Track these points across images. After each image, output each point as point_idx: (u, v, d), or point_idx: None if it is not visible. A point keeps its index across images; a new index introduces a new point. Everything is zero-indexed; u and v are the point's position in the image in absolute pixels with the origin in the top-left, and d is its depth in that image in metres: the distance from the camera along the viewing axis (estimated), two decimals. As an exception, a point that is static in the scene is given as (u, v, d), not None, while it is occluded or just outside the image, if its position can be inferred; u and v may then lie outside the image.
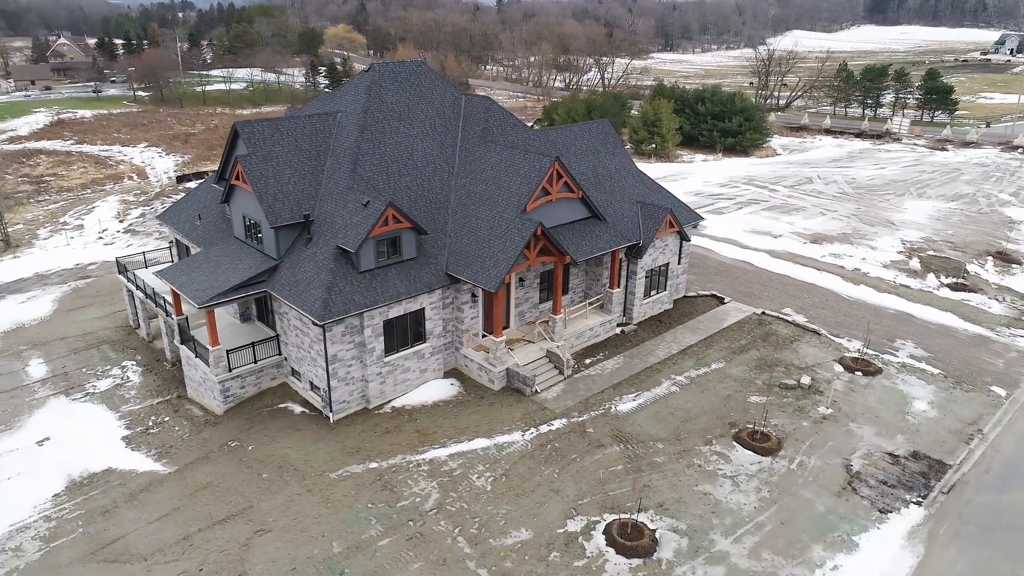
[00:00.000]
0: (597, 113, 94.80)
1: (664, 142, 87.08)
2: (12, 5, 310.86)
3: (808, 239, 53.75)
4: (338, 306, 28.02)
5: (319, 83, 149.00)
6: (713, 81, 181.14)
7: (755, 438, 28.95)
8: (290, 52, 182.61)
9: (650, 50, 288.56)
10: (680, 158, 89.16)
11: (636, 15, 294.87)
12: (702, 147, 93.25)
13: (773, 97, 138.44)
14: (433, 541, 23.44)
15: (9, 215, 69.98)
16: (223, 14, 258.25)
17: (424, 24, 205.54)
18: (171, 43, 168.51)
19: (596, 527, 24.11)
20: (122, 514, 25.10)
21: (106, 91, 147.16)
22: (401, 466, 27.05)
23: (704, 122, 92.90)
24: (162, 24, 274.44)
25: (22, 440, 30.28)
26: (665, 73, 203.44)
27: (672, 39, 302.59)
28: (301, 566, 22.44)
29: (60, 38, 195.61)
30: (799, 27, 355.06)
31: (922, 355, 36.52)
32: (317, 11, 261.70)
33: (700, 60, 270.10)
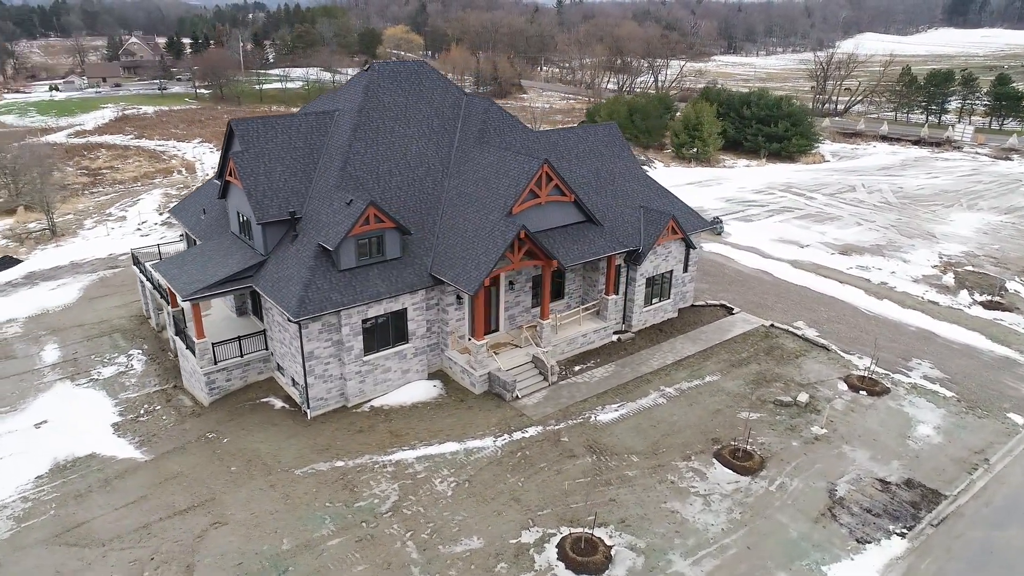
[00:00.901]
0: (639, 115, 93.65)
1: (705, 146, 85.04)
2: (96, 6, 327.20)
3: (837, 250, 51.48)
4: (314, 303, 28.14)
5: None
6: (774, 85, 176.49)
7: (736, 456, 27.76)
8: (349, 52, 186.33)
9: (712, 52, 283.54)
10: (722, 163, 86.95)
11: (699, 17, 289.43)
12: (746, 152, 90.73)
13: (831, 102, 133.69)
14: (382, 544, 23.24)
15: (63, 206, 73.43)
16: (289, 15, 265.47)
17: (480, 25, 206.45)
18: (234, 42, 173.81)
19: (551, 540, 23.48)
20: (93, 499, 25.74)
21: (171, 88, 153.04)
22: (367, 466, 26.97)
23: (749, 126, 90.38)
24: (233, 24, 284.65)
25: (22, 422, 31.42)
26: (724, 76, 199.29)
27: (736, 41, 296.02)
28: (248, 561, 22.56)
29: (132, 37, 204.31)
30: (872, 30, 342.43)
31: (937, 376, 34.44)
32: (379, 12, 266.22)
33: (763, 63, 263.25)
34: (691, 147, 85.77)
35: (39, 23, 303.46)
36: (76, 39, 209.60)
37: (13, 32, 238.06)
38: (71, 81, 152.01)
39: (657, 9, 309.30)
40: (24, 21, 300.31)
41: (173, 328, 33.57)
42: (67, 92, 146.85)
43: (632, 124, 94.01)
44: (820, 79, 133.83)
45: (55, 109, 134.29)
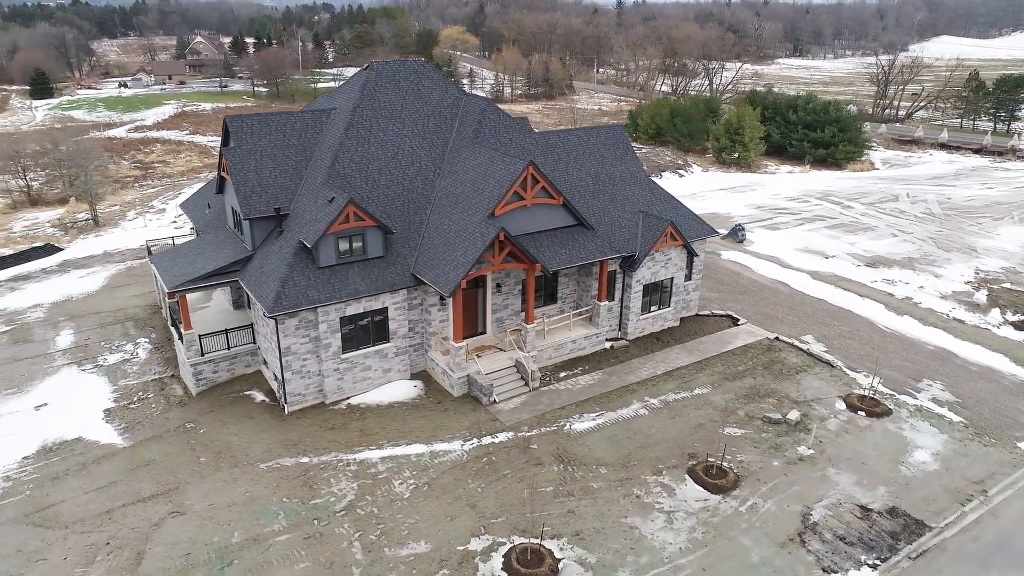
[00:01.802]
0: (681, 118, 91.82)
1: (746, 151, 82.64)
2: (172, 6, 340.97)
3: (864, 262, 49.18)
4: (290, 300, 28.39)
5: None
6: (837, 89, 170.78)
7: (710, 473, 26.70)
8: (405, 53, 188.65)
9: (776, 55, 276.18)
10: (764, 168, 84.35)
11: (763, 19, 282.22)
12: (791, 158, 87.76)
13: (892, 107, 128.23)
14: (329, 543, 23.21)
15: (112, 197, 76.64)
16: (351, 16, 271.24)
17: (536, 26, 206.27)
18: (293, 42, 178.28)
19: (499, 549, 23.01)
20: (67, 482, 26.55)
21: (231, 86, 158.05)
22: (330, 464, 27.03)
23: (795, 131, 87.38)
24: (299, 25, 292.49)
25: (24, 404, 32.68)
26: (786, 79, 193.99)
27: (801, 44, 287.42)
28: (196, 551, 22.86)
29: (198, 37, 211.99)
30: (950, 32, 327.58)
31: (947, 399, 32.45)
32: (438, 13, 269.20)
33: (830, 66, 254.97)
34: (732, 152, 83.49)
35: (120, 23, 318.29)
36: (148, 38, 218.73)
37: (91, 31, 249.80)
38: (139, 78, 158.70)
39: (721, 11, 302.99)
40: (106, 21, 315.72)
41: (169, 319, 34.42)
42: (134, 89, 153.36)
43: (674, 127, 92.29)
44: (881, 84, 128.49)
45: (121, 105, 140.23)
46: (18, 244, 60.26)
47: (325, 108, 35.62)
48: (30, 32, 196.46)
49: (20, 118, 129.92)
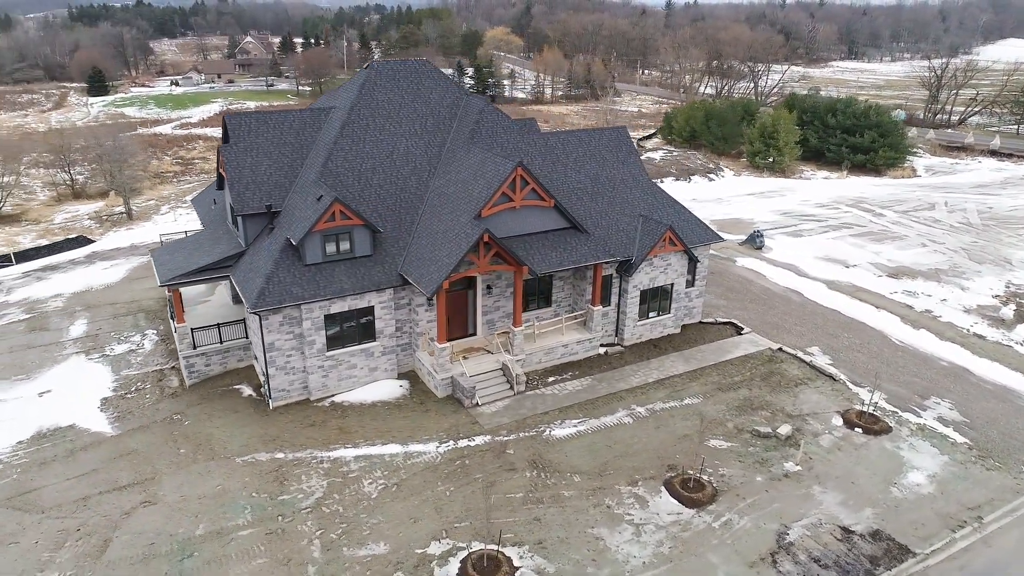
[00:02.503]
0: (715, 121, 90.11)
1: (781, 155, 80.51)
2: (229, 7, 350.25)
3: (887, 272, 47.28)
4: (273, 296, 28.62)
5: (464, 82, 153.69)
6: (890, 93, 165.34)
7: (687, 486, 25.92)
8: (451, 53, 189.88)
9: (830, 58, 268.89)
10: (799, 174, 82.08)
11: (817, 20, 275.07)
12: (828, 163, 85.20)
13: (944, 112, 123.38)
14: (290, 540, 23.27)
15: (150, 192, 79.00)
16: (400, 16, 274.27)
17: (581, 27, 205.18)
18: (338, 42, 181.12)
19: (458, 554, 22.74)
20: (53, 468, 27.25)
21: (277, 85, 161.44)
22: (304, 460, 27.14)
23: (833, 136, 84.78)
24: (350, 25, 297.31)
25: (29, 390, 33.70)
26: (837, 83, 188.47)
27: (857, 46, 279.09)
28: (160, 542, 23.17)
29: (247, 37, 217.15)
30: (1018, 35, 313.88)
31: (954, 419, 30.90)
32: (485, 14, 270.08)
33: (886, 69, 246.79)
34: (766, 156, 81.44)
35: (179, 23, 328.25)
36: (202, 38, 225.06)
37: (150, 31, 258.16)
38: (189, 77, 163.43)
39: (774, 12, 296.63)
40: (166, 21, 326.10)
41: (170, 312, 35.12)
42: (185, 87, 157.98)
43: (708, 130, 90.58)
44: (933, 88, 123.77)
45: (171, 102, 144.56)
46: (56, 235, 62.57)
47: (326, 107, 35.87)
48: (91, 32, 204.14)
49: (75, 114, 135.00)
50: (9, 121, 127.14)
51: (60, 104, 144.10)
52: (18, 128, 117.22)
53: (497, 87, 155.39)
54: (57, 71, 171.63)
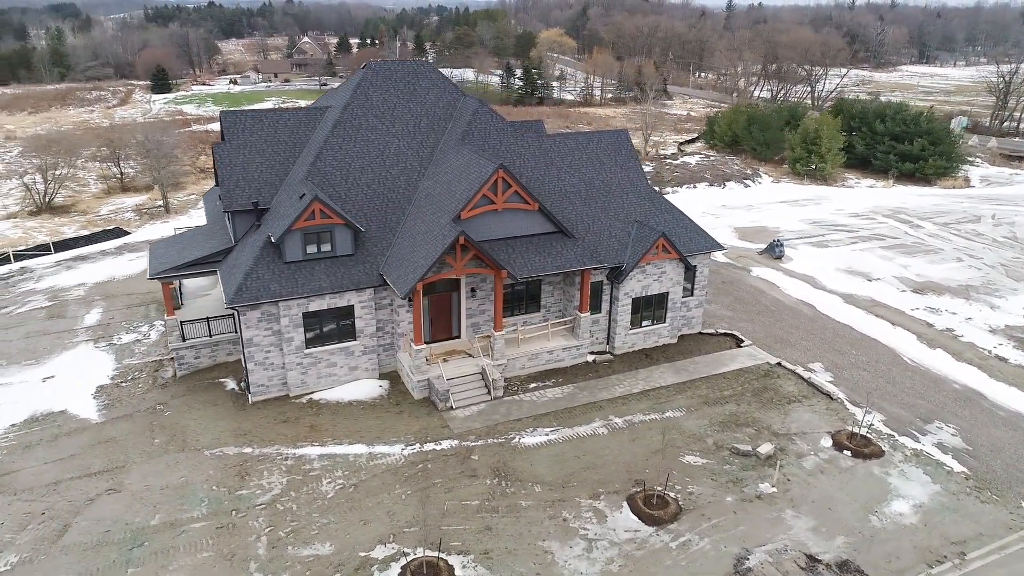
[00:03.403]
0: (757, 126, 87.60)
1: (823, 162, 77.62)
2: (295, 8, 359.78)
3: (912, 287, 44.90)
4: (251, 292, 28.95)
5: (513, 84, 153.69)
6: (960, 99, 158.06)
7: (651, 503, 25.03)
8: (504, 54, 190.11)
9: (899, 62, 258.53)
10: (843, 181, 79.00)
11: (887, 23, 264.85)
12: (875, 171, 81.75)
13: (1012, 119, 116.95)
14: (238, 535, 23.41)
15: (194, 187, 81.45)
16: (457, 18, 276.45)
17: (636, 29, 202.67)
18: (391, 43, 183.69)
19: (401, 559, 22.48)
20: (35, 452, 28.17)
21: (330, 84, 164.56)
22: (269, 456, 27.33)
23: (881, 143, 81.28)
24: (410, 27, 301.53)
25: (35, 375, 34.98)
26: (903, 87, 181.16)
27: (928, 50, 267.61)
28: (115, 530, 23.63)
29: (305, 37, 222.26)
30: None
31: (955, 445, 29.03)
32: (541, 16, 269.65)
33: (958, 74, 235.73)
34: (807, 163, 78.66)
35: (247, 24, 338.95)
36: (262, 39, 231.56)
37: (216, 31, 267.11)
38: (247, 76, 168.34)
39: (841, 14, 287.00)
40: (235, 22, 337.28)
41: (169, 304, 35.94)
42: (243, 86, 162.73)
43: (750, 135, 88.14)
44: (1000, 94, 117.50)
45: (228, 100, 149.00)
46: (97, 227, 65.05)
47: (323, 106, 36.16)
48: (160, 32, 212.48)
49: (137, 110, 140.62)
50: (76, 116, 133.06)
51: (125, 101, 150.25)
52: (83, 123, 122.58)
53: (546, 88, 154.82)
54: (126, 69, 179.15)
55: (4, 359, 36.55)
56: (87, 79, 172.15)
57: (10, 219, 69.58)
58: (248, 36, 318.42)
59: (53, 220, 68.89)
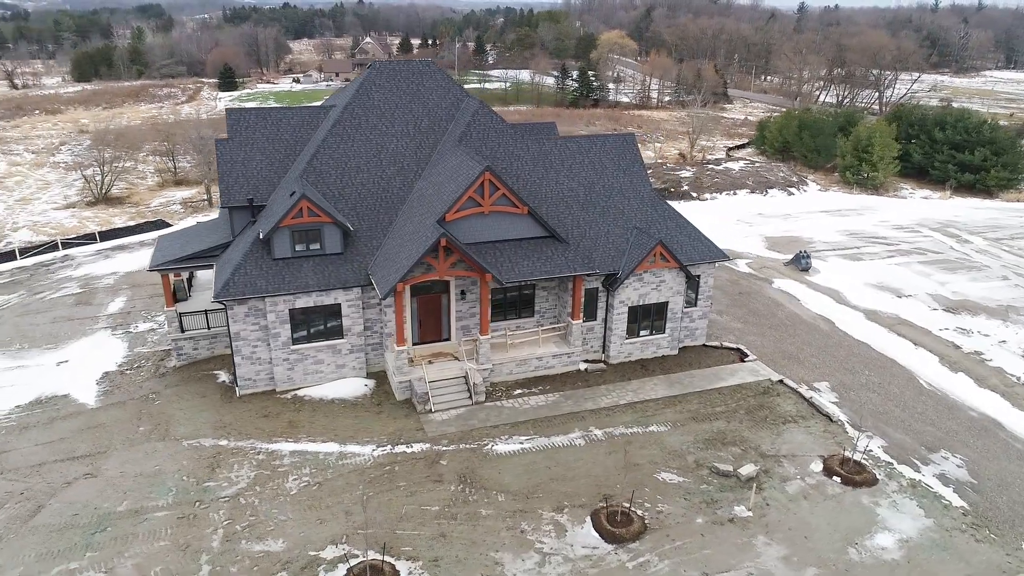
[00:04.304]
0: (808, 132, 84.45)
1: (874, 171, 74.14)
2: (365, 8, 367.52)
3: (945, 306, 42.27)
4: (237, 287, 29.40)
5: (568, 86, 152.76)
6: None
7: (614, 519, 24.20)
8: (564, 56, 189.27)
9: (984, 67, 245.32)
10: (897, 191, 75.30)
11: (971, 26, 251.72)
12: (932, 182, 77.59)
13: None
14: (197, 526, 23.74)
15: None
16: (522, 19, 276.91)
17: (700, 31, 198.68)
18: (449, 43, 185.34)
19: (348, 560, 22.35)
20: (30, 433, 29.31)
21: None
22: (243, 450, 27.66)
23: (940, 152, 77.10)
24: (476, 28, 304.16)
25: (50, 359, 36.47)
26: (983, 94, 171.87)
27: (1017, 55, 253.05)
28: (82, 514, 24.29)
29: (367, 38, 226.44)
30: None
31: (959, 478, 27.09)
32: (604, 17, 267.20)
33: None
34: (858, 171, 75.30)
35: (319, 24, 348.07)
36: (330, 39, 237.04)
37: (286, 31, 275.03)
38: (310, 75, 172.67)
39: (922, 17, 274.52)
40: (307, 22, 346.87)
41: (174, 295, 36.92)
42: (304, 84, 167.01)
43: (801, 141, 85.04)
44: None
45: (288, 98, 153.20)
46: (145, 218, 67.69)
47: (328, 105, 36.49)
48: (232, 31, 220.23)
49: (203, 107, 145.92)
50: (146, 112, 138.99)
51: (192, 98, 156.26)
52: (152, 118, 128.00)
53: (601, 90, 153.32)
54: (197, 67, 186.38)
55: (27, 342, 38.25)
56: (161, 76, 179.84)
57: (69, 208, 72.91)
58: (319, 36, 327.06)
59: (107, 211, 71.86)
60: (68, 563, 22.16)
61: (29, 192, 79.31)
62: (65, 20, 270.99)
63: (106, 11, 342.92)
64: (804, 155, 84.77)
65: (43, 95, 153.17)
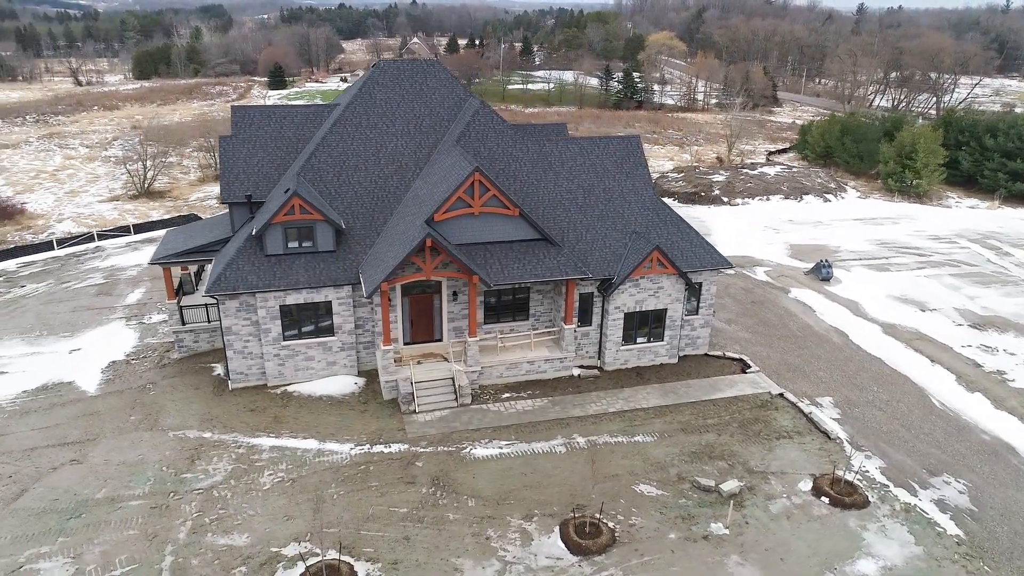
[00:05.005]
0: (851, 137, 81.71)
1: (918, 178, 71.17)
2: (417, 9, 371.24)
3: (971, 321, 40.13)
4: (229, 282, 29.77)
5: (612, 87, 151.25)
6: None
7: (583, 531, 23.61)
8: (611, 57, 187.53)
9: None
10: (942, 200, 72.13)
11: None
12: (982, 191, 74.07)
13: None
14: (167, 517, 24.05)
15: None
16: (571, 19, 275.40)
17: (751, 32, 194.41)
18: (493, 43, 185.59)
19: (307, 559, 22.32)
20: (29, 418, 30.22)
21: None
22: (224, 443, 27.96)
23: (990, 160, 73.56)
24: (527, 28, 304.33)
25: (64, 347, 37.58)
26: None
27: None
28: (61, 500, 24.87)
29: (414, 38, 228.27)
30: None
31: (958, 504, 25.61)
32: (655, 19, 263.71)
33: None
34: (900, 178, 72.39)
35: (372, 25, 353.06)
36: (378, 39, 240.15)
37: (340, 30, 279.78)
38: (358, 74, 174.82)
39: (990, 19, 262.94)
40: (361, 22, 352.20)
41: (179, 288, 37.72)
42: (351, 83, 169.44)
43: (843, 147, 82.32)
44: None
45: (334, 96, 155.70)
46: (183, 212, 69.55)
47: (333, 104, 36.70)
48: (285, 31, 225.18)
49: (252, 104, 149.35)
50: (197, 109, 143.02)
51: (243, 96, 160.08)
52: (201, 115, 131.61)
53: (646, 92, 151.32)
54: (250, 66, 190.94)
55: (46, 330, 39.54)
56: (215, 75, 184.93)
57: (112, 201, 75.31)
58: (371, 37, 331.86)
59: (148, 204, 74.04)
60: (40, 547, 22.70)
61: (78, 185, 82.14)
62: (130, 20, 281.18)
63: (171, 11, 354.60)
64: (846, 161, 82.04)
65: (103, 92, 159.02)
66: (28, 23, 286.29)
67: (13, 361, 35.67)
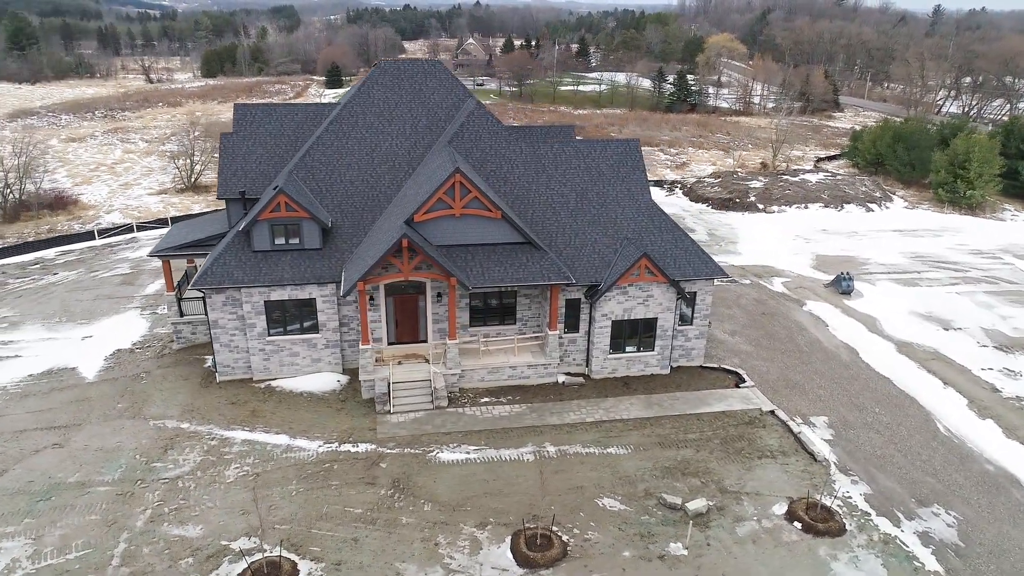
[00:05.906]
0: (903, 144, 78.03)
1: (971, 188, 67.37)
2: (480, 10, 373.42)
3: (998, 342, 37.59)
4: (214, 277, 30.30)
5: (665, 89, 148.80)
6: None
7: (534, 543, 23.04)
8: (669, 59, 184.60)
9: None
10: (999, 212, 68.13)
11: None
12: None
13: None
14: (130, 505, 24.57)
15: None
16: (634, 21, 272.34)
17: (816, 34, 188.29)
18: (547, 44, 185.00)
19: (253, 555, 22.44)
20: (27, 401, 31.43)
21: (487, 85, 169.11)
22: (200, 434, 28.44)
23: (1053, 171, 69.09)
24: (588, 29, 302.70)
25: (77, 334, 38.98)
26: None
27: None
28: (35, 482, 25.70)
29: (470, 39, 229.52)
30: None
31: (945, 539, 23.94)
32: (716, 21, 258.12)
33: None
34: (952, 188, 68.68)
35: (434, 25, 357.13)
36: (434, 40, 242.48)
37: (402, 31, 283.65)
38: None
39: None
40: (423, 23, 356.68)
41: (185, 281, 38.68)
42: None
43: (894, 154, 78.66)
44: None
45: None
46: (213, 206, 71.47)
47: (334, 103, 36.97)
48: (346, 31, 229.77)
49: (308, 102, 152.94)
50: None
51: (300, 94, 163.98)
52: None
53: (700, 95, 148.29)
54: (311, 65, 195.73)
55: (67, 316, 41.14)
56: (277, 73, 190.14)
57: (160, 194, 78.09)
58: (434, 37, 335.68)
59: (192, 197, 76.44)
60: (5, 527, 23.49)
61: (133, 178, 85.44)
62: (203, 20, 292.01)
63: (243, 12, 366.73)
64: (897, 169, 78.36)
65: (170, 89, 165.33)
66: (110, 23, 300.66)
67: (30, 345, 37.19)
